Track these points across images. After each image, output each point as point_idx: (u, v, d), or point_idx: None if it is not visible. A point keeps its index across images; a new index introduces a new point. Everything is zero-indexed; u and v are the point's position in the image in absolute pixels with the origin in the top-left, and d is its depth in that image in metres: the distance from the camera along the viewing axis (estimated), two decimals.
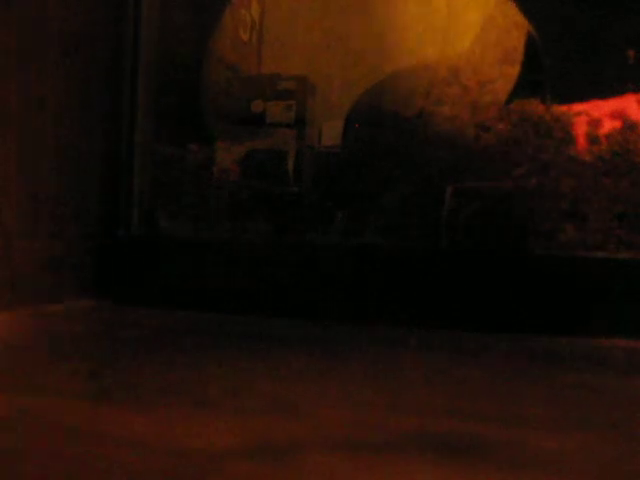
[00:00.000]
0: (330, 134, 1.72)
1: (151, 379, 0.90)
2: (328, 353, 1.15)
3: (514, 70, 1.68)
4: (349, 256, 1.51)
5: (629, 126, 1.53)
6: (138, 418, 0.71)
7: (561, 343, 1.30)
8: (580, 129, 1.56)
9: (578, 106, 1.60)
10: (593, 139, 1.54)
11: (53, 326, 1.32)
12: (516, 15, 1.75)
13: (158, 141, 1.71)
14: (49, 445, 0.61)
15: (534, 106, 1.61)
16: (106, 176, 1.63)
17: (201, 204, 1.67)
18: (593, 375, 1.04)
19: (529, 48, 1.73)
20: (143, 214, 1.66)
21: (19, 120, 1.42)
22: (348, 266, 1.50)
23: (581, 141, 1.55)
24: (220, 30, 1.87)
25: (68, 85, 1.54)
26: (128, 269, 1.61)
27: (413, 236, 1.53)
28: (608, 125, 1.55)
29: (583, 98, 1.62)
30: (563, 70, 1.79)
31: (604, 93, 1.60)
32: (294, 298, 1.51)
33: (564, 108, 1.60)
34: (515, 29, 1.71)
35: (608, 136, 1.53)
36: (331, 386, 0.90)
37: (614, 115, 1.56)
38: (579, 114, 1.58)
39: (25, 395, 0.79)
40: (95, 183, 1.62)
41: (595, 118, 1.56)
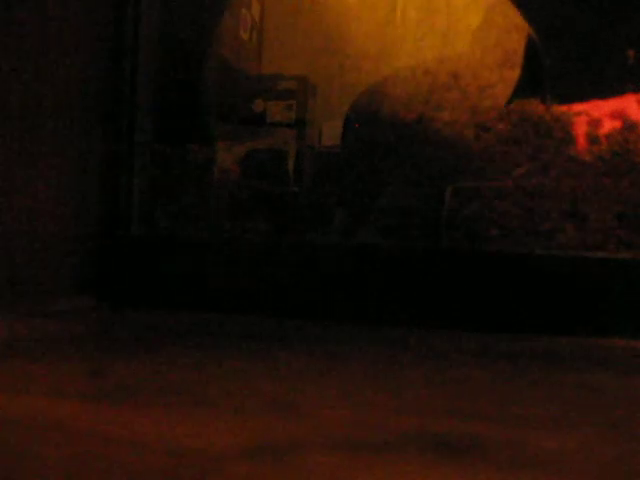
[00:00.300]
0: (330, 134, 1.72)
1: (151, 379, 0.90)
2: (328, 353, 1.15)
3: (514, 74, 1.68)
4: (349, 256, 1.51)
5: (629, 126, 1.53)
6: (138, 418, 0.71)
7: (561, 343, 1.30)
8: (580, 129, 1.56)
9: (578, 106, 1.60)
10: (593, 139, 1.54)
11: (53, 326, 1.32)
12: (516, 17, 1.74)
13: (158, 141, 1.71)
14: (49, 445, 0.61)
15: (534, 106, 1.61)
16: (106, 176, 1.63)
17: (201, 204, 1.67)
18: (593, 375, 1.04)
19: (529, 50, 1.73)
20: (143, 214, 1.66)
21: (19, 120, 1.42)
22: (348, 266, 1.50)
23: (581, 141, 1.55)
24: (221, 30, 1.87)
25: (68, 85, 1.54)
26: (128, 269, 1.61)
27: (413, 236, 1.53)
28: (608, 125, 1.55)
29: (583, 98, 1.62)
30: (563, 70, 1.79)
31: (604, 93, 1.60)
32: (294, 298, 1.51)
33: (564, 108, 1.60)
34: (515, 31, 1.71)
35: (608, 136, 1.53)
36: (331, 386, 0.90)
37: (614, 115, 1.56)
38: (579, 114, 1.58)
39: (25, 395, 0.79)
40: (95, 183, 1.62)
41: (595, 118, 1.56)
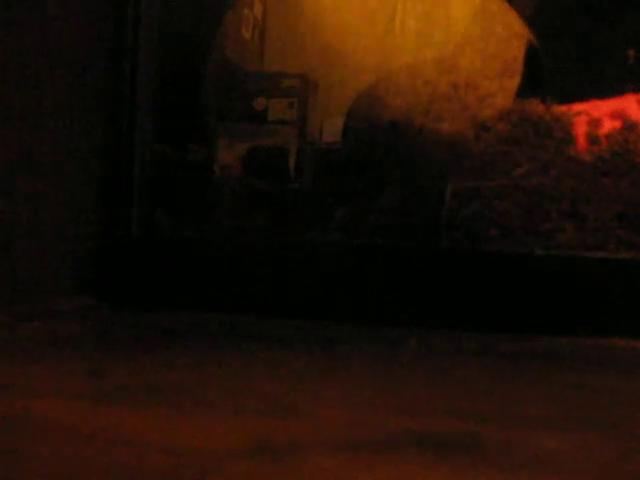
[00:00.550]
0: (331, 131, 1.72)
1: (151, 379, 0.90)
2: (328, 353, 1.15)
3: (513, 82, 1.68)
4: (349, 256, 1.50)
5: (629, 126, 1.53)
6: (138, 418, 0.71)
7: (561, 343, 1.30)
8: (580, 129, 1.56)
9: (578, 106, 1.60)
10: (593, 139, 1.54)
11: (53, 326, 1.32)
12: (515, 24, 1.74)
13: (158, 141, 1.71)
14: (49, 445, 0.61)
15: (534, 106, 1.61)
16: (106, 176, 1.63)
17: (201, 204, 1.67)
18: (593, 375, 1.04)
19: (529, 55, 1.72)
20: (143, 214, 1.66)
21: (19, 120, 1.42)
22: (348, 266, 1.50)
23: (581, 141, 1.55)
24: (223, 29, 1.87)
25: (68, 85, 1.54)
26: (128, 269, 1.61)
27: (413, 236, 1.53)
28: (608, 125, 1.55)
29: (583, 98, 1.62)
30: (563, 70, 1.79)
31: (604, 93, 1.60)
32: (294, 298, 1.51)
33: (564, 108, 1.60)
34: (515, 39, 1.71)
35: (608, 136, 1.53)
36: (331, 386, 0.90)
37: (614, 115, 1.56)
38: (579, 114, 1.58)
39: (25, 395, 0.79)
40: (95, 183, 1.62)
41: (595, 118, 1.56)
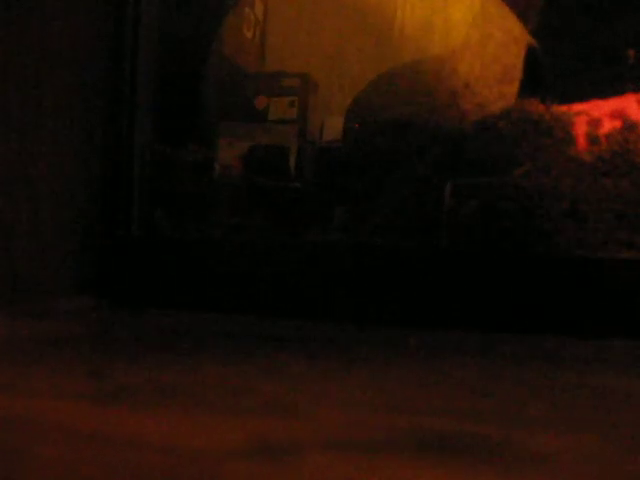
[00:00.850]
0: (331, 129, 1.72)
1: (151, 379, 0.90)
2: (328, 353, 1.15)
3: (513, 88, 1.68)
4: (349, 256, 1.50)
5: (629, 126, 1.53)
6: (138, 418, 0.71)
7: (561, 343, 1.30)
8: (580, 129, 1.56)
9: (578, 106, 1.60)
10: (593, 139, 1.54)
11: (53, 326, 1.32)
12: (515, 29, 1.74)
13: (158, 141, 1.71)
14: (49, 445, 0.61)
15: (534, 106, 1.61)
16: (106, 176, 1.63)
17: (201, 204, 1.67)
18: (593, 375, 1.04)
19: (529, 58, 1.72)
20: (143, 214, 1.66)
21: (19, 120, 1.42)
22: (348, 266, 1.50)
23: (581, 141, 1.55)
24: (224, 28, 1.87)
25: (68, 85, 1.54)
26: (128, 269, 1.61)
27: (413, 236, 1.53)
28: (608, 125, 1.55)
29: (583, 98, 1.62)
30: (563, 70, 1.79)
31: (604, 93, 1.60)
32: (294, 298, 1.51)
33: (564, 108, 1.60)
34: (514, 44, 1.70)
35: (608, 136, 1.53)
36: (331, 386, 0.90)
37: (614, 115, 1.56)
38: (579, 114, 1.58)
39: (25, 395, 0.79)
40: (95, 183, 1.62)
41: (595, 118, 1.56)
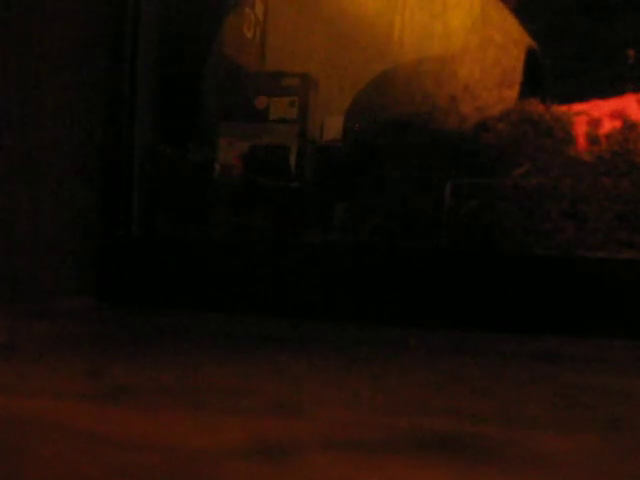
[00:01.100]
0: (331, 129, 1.72)
1: (151, 379, 0.90)
2: (328, 353, 1.15)
3: (513, 92, 1.67)
4: (349, 256, 1.50)
5: (629, 126, 1.53)
6: (138, 418, 0.71)
7: (561, 343, 1.30)
8: (580, 129, 1.56)
9: (578, 106, 1.60)
10: (593, 139, 1.54)
11: (53, 326, 1.32)
12: (515, 31, 1.73)
13: (158, 141, 1.71)
14: (49, 445, 0.61)
15: (534, 106, 1.61)
16: (106, 176, 1.63)
17: (201, 203, 1.67)
18: (593, 375, 1.04)
19: (528, 60, 1.72)
20: (143, 214, 1.66)
21: (19, 120, 1.42)
22: (348, 266, 1.50)
23: (581, 141, 1.55)
24: (224, 28, 1.88)
25: (68, 85, 1.54)
26: (128, 269, 1.61)
27: (412, 235, 1.53)
28: (608, 125, 1.55)
29: (583, 98, 1.62)
30: (563, 70, 1.79)
31: (604, 93, 1.60)
32: (294, 297, 1.51)
33: (564, 108, 1.60)
34: (514, 47, 1.70)
35: (608, 136, 1.53)
36: (331, 386, 0.90)
37: (614, 115, 1.56)
38: (579, 114, 1.58)
39: (25, 395, 0.79)
40: (95, 183, 1.62)
41: (595, 118, 1.56)
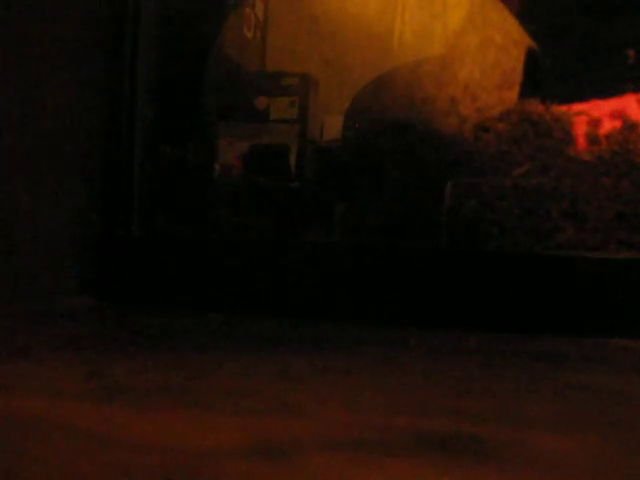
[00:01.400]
0: (331, 129, 1.72)
1: (151, 379, 0.90)
2: (328, 353, 1.15)
3: (513, 94, 1.67)
4: (349, 256, 1.50)
5: (629, 126, 1.53)
6: (138, 418, 0.71)
7: (561, 343, 1.30)
8: (580, 129, 1.56)
9: (578, 106, 1.60)
10: (593, 139, 1.54)
11: (53, 326, 1.32)
12: (514, 32, 1.73)
13: (158, 141, 1.71)
14: (49, 445, 0.61)
15: (534, 106, 1.61)
16: (106, 176, 1.63)
17: (202, 203, 1.67)
18: (593, 375, 1.04)
19: (528, 62, 1.72)
20: (143, 214, 1.66)
21: (19, 121, 1.42)
22: (348, 266, 1.50)
23: (581, 141, 1.55)
24: (225, 28, 1.88)
25: (68, 85, 1.54)
26: (128, 269, 1.61)
27: (413, 235, 1.53)
28: (608, 125, 1.55)
29: (583, 98, 1.62)
30: (563, 70, 1.79)
31: (604, 93, 1.60)
32: (294, 297, 1.51)
33: (564, 108, 1.60)
34: (514, 48, 1.70)
35: (608, 136, 1.53)
36: (331, 386, 0.90)
37: (614, 115, 1.56)
38: (579, 114, 1.58)
39: (25, 395, 0.79)
40: (95, 183, 1.62)
41: (595, 118, 1.56)
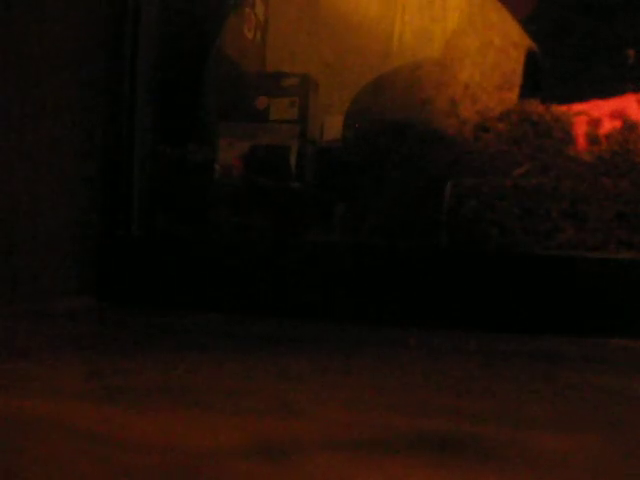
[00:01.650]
0: (331, 129, 1.73)
1: (151, 379, 0.90)
2: (328, 353, 1.15)
3: (513, 95, 1.67)
4: (349, 255, 1.50)
5: (629, 126, 1.53)
6: (138, 418, 0.71)
7: (561, 343, 1.30)
8: (580, 129, 1.56)
9: (578, 106, 1.60)
10: (593, 139, 1.54)
11: (53, 326, 1.32)
12: (514, 34, 1.73)
13: (158, 141, 1.71)
14: (49, 445, 0.61)
15: (534, 106, 1.61)
16: (106, 176, 1.63)
17: (202, 203, 1.67)
18: (593, 375, 1.04)
19: (528, 63, 1.72)
20: (143, 214, 1.66)
21: (19, 121, 1.42)
22: (348, 266, 1.50)
23: (581, 141, 1.55)
24: (225, 28, 1.88)
25: (68, 85, 1.54)
26: (128, 269, 1.61)
27: (412, 235, 1.53)
28: (608, 125, 1.55)
29: (583, 98, 1.62)
30: (563, 70, 1.79)
31: (604, 93, 1.60)
32: (294, 297, 1.51)
33: (564, 108, 1.60)
34: (514, 49, 1.70)
35: (608, 136, 1.53)
36: (331, 386, 0.90)
37: (614, 115, 1.56)
38: (579, 114, 1.58)
39: (25, 395, 0.79)
40: (95, 183, 1.62)
41: (595, 118, 1.56)
